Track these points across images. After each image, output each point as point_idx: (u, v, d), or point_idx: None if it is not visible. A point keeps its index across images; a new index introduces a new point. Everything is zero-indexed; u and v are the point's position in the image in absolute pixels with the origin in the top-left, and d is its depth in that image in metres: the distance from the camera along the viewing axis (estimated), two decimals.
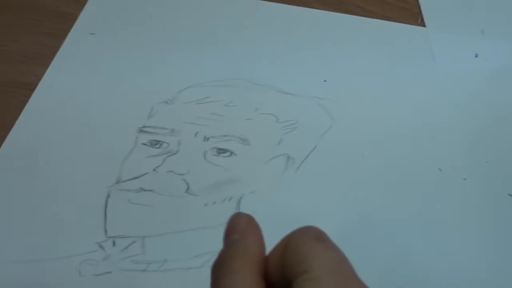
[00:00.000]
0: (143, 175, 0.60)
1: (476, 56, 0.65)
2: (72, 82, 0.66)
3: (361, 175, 0.59)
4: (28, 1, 0.72)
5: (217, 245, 0.55)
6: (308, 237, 0.34)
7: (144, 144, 0.62)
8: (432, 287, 0.54)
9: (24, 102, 0.65)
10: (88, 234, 0.57)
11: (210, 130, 0.62)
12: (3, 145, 0.62)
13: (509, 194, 0.57)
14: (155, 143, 0.61)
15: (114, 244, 0.57)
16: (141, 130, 0.63)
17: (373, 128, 0.61)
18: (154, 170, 0.60)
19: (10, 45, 0.70)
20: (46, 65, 0.67)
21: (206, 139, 0.61)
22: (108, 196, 0.59)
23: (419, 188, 0.58)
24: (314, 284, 0.32)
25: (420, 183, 0.58)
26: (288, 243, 0.34)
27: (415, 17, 0.68)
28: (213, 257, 0.55)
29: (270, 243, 0.36)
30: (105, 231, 0.57)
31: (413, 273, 0.54)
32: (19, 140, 0.63)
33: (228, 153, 0.60)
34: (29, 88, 0.66)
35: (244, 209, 0.57)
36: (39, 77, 0.67)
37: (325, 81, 0.64)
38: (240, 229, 0.36)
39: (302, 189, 0.58)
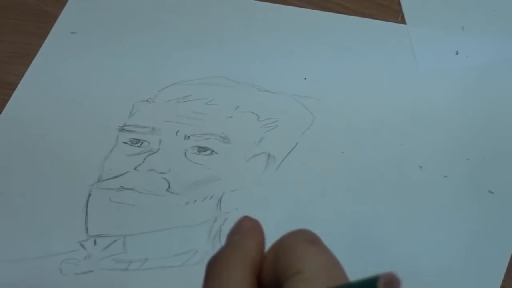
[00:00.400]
0: (124, 173, 0.60)
1: (456, 53, 0.66)
2: (52, 81, 0.66)
3: (342, 173, 0.59)
4: (7, 0, 0.71)
5: (198, 243, 0.56)
6: (300, 239, 0.34)
7: (125, 142, 0.62)
8: (411, 284, 0.54)
9: (5, 102, 0.65)
10: (69, 233, 0.57)
11: (191, 129, 0.61)
12: None
13: (490, 191, 0.57)
14: (136, 142, 0.61)
15: (95, 243, 0.57)
16: (122, 129, 0.63)
17: (353, 126, 0.61)
18: (135, 168, 0.60)
19: None
20: (27, 64, 0.67)
21: (186, 137, 0.61)
22: (89, 195, 0.59)
23: (399, 185, 0.58)
24: (305, 285, 0.32)
25: (401, 180, 0.58)
26: (280, 246, 0.34)
27: (395, 14, 0.68)
28: (194, 256, 0.56)
29: None
30: (86, 230, 0.57)
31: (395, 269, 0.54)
32: None
33: (209, 152, 0.60)
34: (10, 87, 0.66)
35: (225, 208, 0.57)
36: (19, 76, 0.66)
37: (305, 79, 0.64)
38: (242, 231, 0.36)
39: (283, 187, 0.58)
